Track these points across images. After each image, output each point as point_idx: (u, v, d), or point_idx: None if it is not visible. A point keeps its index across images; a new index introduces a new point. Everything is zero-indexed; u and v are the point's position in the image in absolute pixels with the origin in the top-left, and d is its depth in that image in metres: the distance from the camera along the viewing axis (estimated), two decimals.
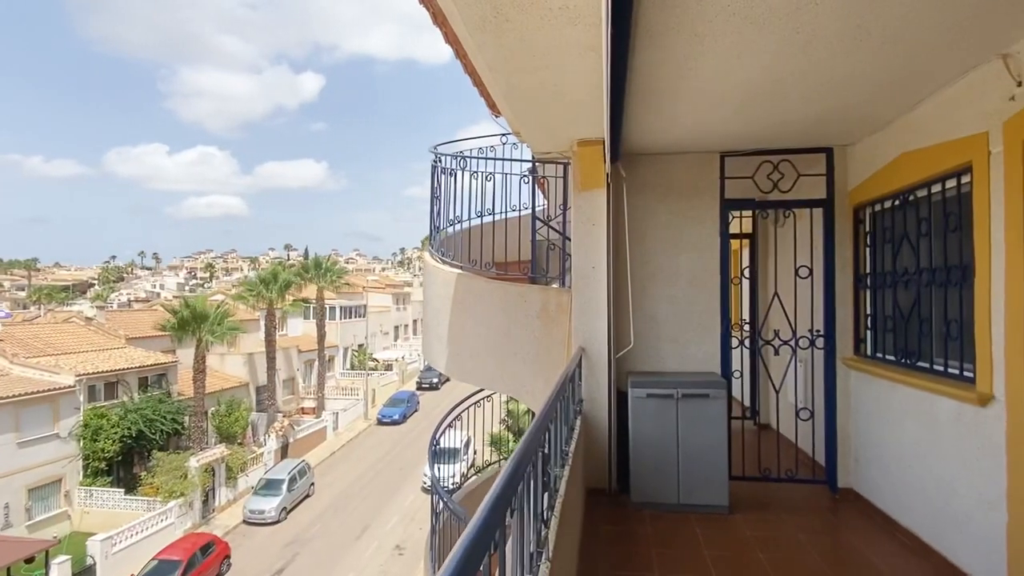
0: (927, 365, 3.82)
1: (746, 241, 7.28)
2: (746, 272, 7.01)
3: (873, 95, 3.64)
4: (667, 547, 3.93)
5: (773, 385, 5.23)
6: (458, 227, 6.31)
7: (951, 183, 3.54)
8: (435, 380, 39.99)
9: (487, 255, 5.87)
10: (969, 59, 3.12)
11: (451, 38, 3.55)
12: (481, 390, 6.97)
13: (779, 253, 6.23)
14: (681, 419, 4.51)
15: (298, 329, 36.18)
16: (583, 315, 4.83)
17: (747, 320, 7.15)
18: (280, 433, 26.91)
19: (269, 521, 21.59)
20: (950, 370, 3.56)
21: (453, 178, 6.09)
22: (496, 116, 5.26)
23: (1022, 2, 2.53)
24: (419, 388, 40.47)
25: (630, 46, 2.87)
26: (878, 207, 4.48)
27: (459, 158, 6.44)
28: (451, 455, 8.14)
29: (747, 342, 5.41)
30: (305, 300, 33.60)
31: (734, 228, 5.85)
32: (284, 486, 22.59)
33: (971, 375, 3.28)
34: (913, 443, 3.86)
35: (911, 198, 3.98)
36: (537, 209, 7.00)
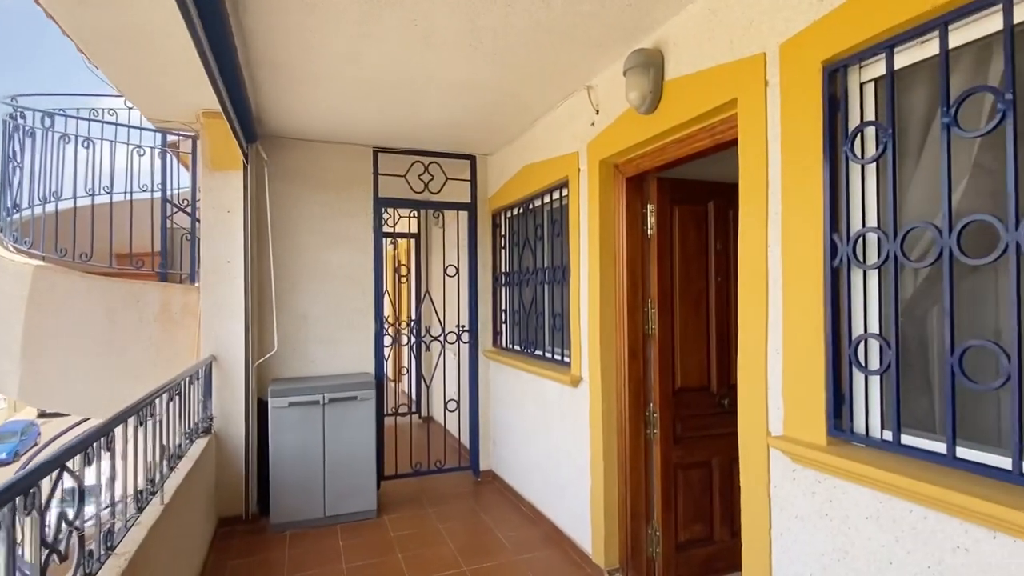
0: (542, 353, 4.33)
1: (413, 240, 7.44)
2: (404, 270, 7.15)
3: (498, 107, 3.93)
4: (304, 569, 3.59)
5: (424, 380, 5.39)
6: (59, 207, 4.86)
7: (557, 195, 4.06)
8: None
9: (91, 243, 4.62)
10: (567, 86, 3.57)
11: None
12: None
13: (434, 252, 6.51)
14: (328, 426, 4.24)
15: None
16: (215, 316, 4.15)
17: (414, 318, 7.32)
18: None
19: None
20: (556, 356, 4.09)
21: (35, 140, 4.64)
22: (96, 67, 4.15)
23: (599, 43, 2.94)
24: (43, 415, 31.48)
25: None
26: (509, 213, 4.95)
27: (55, 115, 4.98)
28: (85, 496, 6.31)
29: (407, 338, 5.44)
30: None
31: (403, 227, 5.86)
32: None
33: (569, 360, 3.80)
34: (533, 423, 4.33)
35: (531, 206, 4.47)
36: (182, 190, 5.89)
